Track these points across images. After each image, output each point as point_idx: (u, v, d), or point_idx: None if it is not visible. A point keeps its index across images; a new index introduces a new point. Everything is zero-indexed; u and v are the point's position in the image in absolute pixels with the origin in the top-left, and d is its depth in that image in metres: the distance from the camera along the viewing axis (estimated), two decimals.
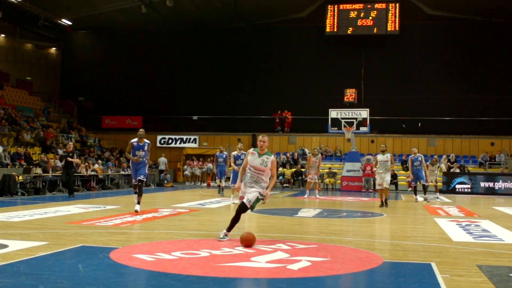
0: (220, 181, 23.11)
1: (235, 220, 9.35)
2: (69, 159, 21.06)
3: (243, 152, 19.05)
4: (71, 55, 44.59)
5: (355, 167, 32.19)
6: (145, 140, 14.78)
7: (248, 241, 8.61)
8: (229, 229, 9.38)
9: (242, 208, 9.27)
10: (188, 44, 41.51)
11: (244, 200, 9.25)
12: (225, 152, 23.39)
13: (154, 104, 40.38)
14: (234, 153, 19.36)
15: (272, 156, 9.43)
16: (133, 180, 14.90)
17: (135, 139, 14.67)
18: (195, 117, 39.22)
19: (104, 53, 43.52)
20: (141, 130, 14.82)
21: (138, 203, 14.44)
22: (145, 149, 14.68)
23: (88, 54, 44.07)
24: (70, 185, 21.38)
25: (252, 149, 9.61)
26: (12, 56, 44.15)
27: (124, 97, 41.24)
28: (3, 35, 43.04)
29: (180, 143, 38.57)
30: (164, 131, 38.94)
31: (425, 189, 22.44)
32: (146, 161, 14.82)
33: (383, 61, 38.84)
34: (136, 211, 14.09)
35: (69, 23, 40.39)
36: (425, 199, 22.39)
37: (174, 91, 40.79)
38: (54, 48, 46.23)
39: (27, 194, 21.12)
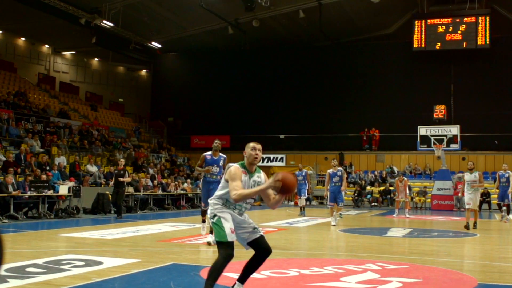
0: (300, 200, 22.92)
1: (255, 266, 6.11)
2: (120, 178, 20.08)
3: (339, 169, 18.10)
4: (160, 76, 45.82)
5: (446, 186, 31.33)
6: (221, 154, 12.06)
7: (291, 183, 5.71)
8: (243, 279, 6.17)
9: (265, 247, 6.00)
10: (274, 63, 41.80)
11: (261, 235, 6.03)
12: (304, 170, 23.24)
13: (241, 123, 40.82)
14: (330, 170, 18.16)
15: (262, 173, 6.28)
16: (203, 205, 12.00)
17: (209, 152, 12.08)
18: (282, 136, 39.35)
19: (192, 74, 44.43)
20: (216, 141, 12.22)
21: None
22: (220, 164, 11.96)
23: (177, 75, 45.13)
24: (119, 205, 20.26)
25: (237, 164, 6.07)
26: (105, 79, 45.84)
27: (212, 117, 41.90)
28: (96, 59, 44.78)
29: (267, 162, 38.70)
30: None
31: (508, 209, 21.27)
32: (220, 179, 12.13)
33: (473, 76, 37.75)
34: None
35: (159, 45, 41.56)
36: (502, 218, 21.19)
37: (261, 110, 41.11)
38: (145, 70, 47.67)
39: None
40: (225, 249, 5.72)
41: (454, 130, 32.01)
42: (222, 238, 5.72)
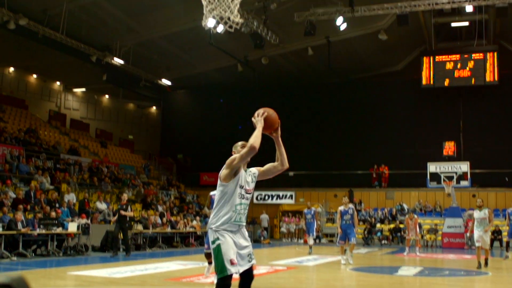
0: (309, 238, 22.73)
1: None
2: (123, 212, 19.72)
3: (350, 206, 17.75)
4: (170, 113, 46.09)
5: (457, 223, 31.08)
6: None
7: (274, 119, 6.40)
8: None
9: (251, 274, 5.84)
10: (283, 99, 41.91)
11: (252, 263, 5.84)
12: (313, 208, 23.10)
13: (250, 160, 40.69)
14: (341, 208, 17.81)
15: (253, 168, 6.73)
16: (206, 246, 11.92)
17: (214, 192, 11.89)
18: (291, 173, 39.25)
19: (202, 111, 44.66)
20: None
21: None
22: None
23: (187, 112, 45.39)
24: (126, 242, 19.99)
25: None
26: (115, 116, 46.09)
27: (221, 154, 41.59)
28: (107, 96, 45.10)
29: (276, 199, 38.64)
30: (260, 187, 39.10)
31: None
32: None
33: (482, 112, 37.76)
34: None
35: (169, 83, 41.84)
36: (506, 257, 21.16)
37: (270, 147, 40.98)
38: (155, 107, 47.94)
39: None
40: (223, 280, 5.45)
41: (464, 166, 31.88)
42: (223, 273, 5.47)
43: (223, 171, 6.18)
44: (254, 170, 6.50)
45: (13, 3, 26.05)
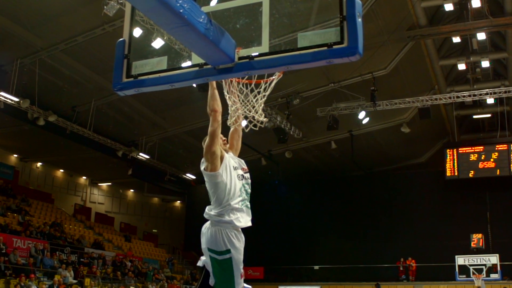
0: None
1: None
2: None
3: None
4: (194, 207, 46.00)
5: None
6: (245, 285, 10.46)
7: None
8: None
9: None
10: (307, 193, 41.92)
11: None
12: None
13: (275, 254, 40.38)
14: None
15: None
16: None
17: None
18: (316, 267, 38.71)
19: None
20: None
21: None
22: None
23: None
24: None
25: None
26: (140, 210, 46.31)
27: (245, 248, 41.47)
28: (132, 190, 45.49)
29: None
30: (285, 282, 38.45)
31: None
32: None
33: (510, 203, 37.25)
34: None
35: (193, 177, 42.08)
36: None
37: (295, 241, 40.75)
38: (179, 201, 48.10)
39: None
40: None
41: (493, 259, 31.21)
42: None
43: (206, 163, 5.65)
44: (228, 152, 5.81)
45: (44, 100, 26.85)
